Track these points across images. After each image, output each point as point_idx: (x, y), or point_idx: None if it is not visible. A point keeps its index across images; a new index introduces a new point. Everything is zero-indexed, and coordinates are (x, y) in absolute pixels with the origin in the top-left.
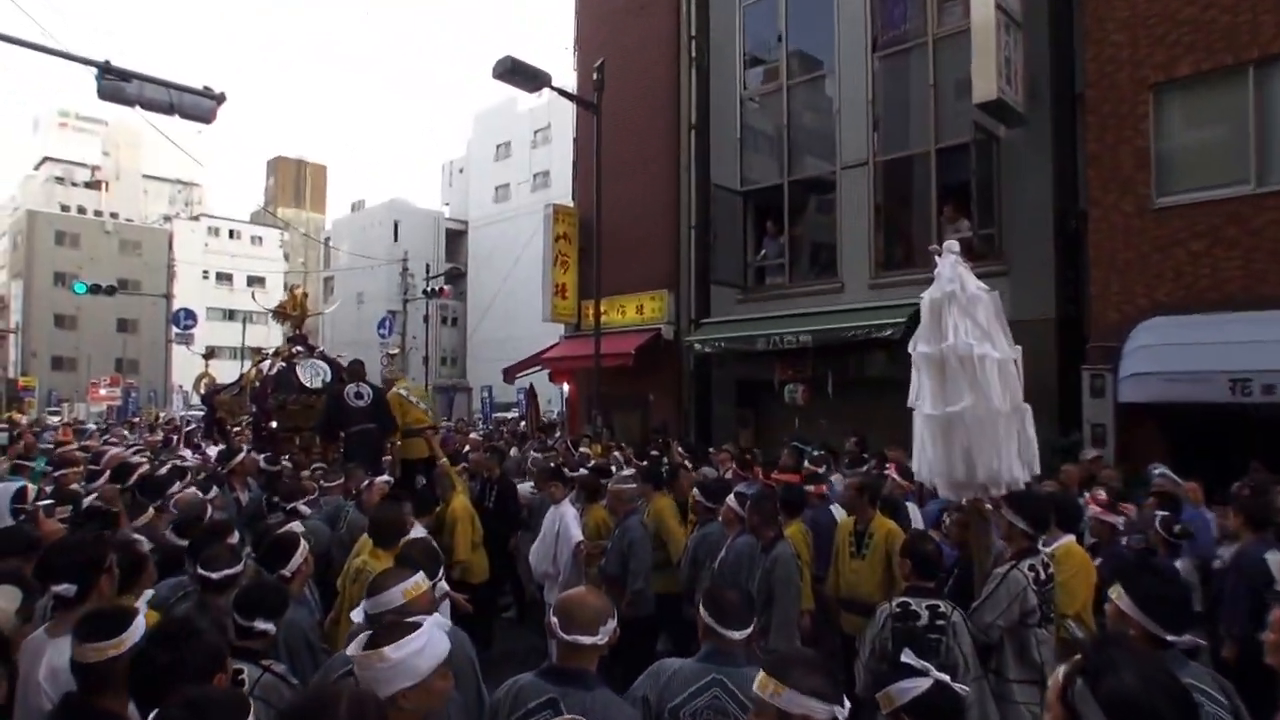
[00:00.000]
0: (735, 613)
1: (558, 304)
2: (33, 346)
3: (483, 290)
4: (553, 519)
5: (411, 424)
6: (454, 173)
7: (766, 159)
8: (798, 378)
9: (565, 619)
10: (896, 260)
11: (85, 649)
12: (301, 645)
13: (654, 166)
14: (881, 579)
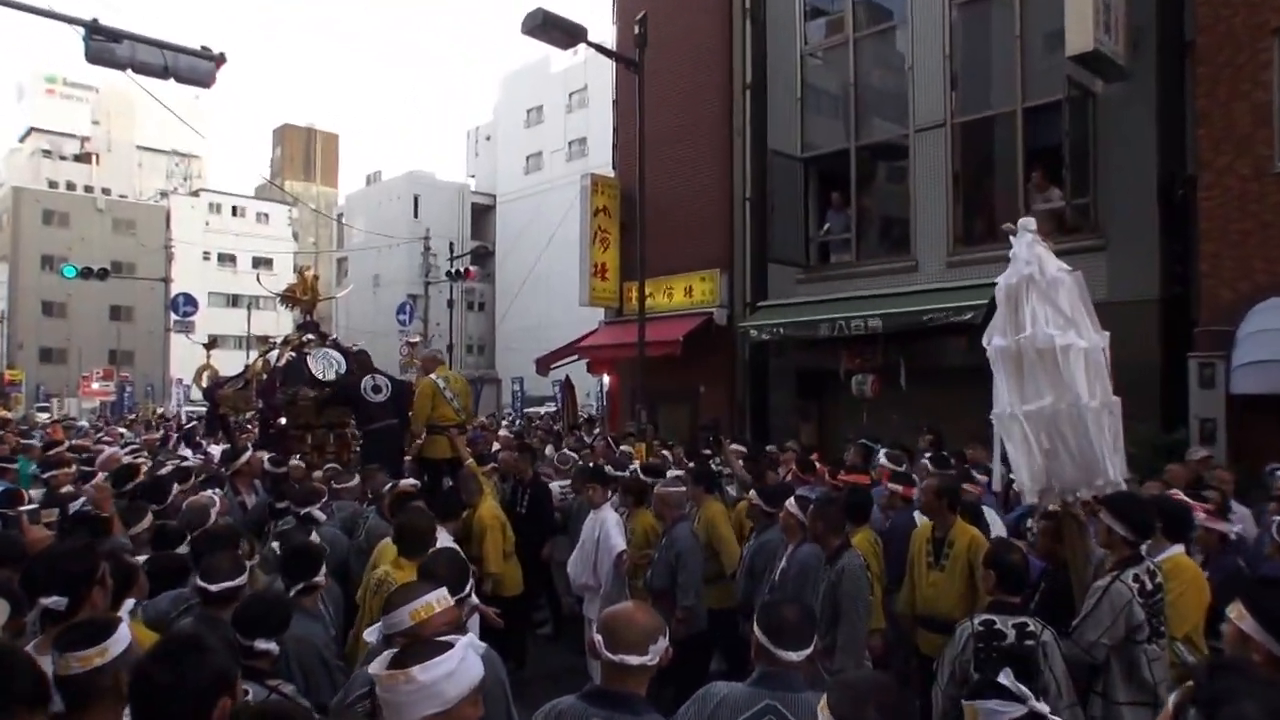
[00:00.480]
0: (792, 630)
1: (597, 286)
2: (19, 337)
3: (513, 271)
4: (592, 525)
5: (436, 419)
6: (480, 141)
7: (830, 122)
8: (866, 367)
9: (611, 637)
10: (977, 235)
11: (67, 659)
12: (316, 663)
13: (704, 131)
14: (962, 593)
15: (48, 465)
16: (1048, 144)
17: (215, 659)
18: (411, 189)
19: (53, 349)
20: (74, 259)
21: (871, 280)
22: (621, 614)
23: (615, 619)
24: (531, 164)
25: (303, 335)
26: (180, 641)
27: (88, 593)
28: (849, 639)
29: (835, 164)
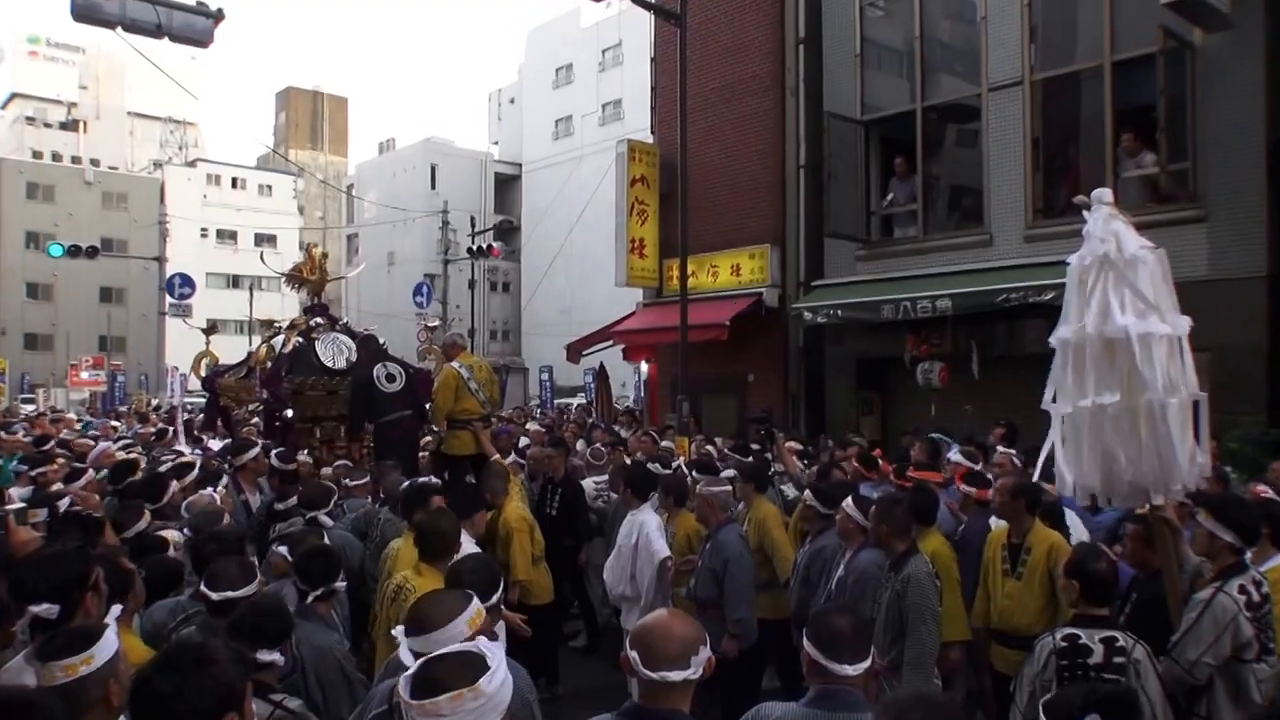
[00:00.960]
0: (847, 641)
1: (634, 264)
2: (2, 322)
3: (540, 248)
4: (630, 529)
5: (459, 413)
6: (503, 104)
7: (894, 80)
8: (934, 354)
9: (647, 652)
10: (1059, 206)
11: (51, 669)
12: (336, 676)
13: (752, 92)
14: (1041, 605)
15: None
16: (1140, 102)
17: (223, 671)
18: (428, 158)
19: (38, 335)
20: (61, 236)
21: (940, 257)
22: (657, 625)
23: (650, 631)
24: (561, 129)
25: (310, 319)
26: (185, 652)
27: (81, 599)
28: (917, 655)
29: (899, 127)
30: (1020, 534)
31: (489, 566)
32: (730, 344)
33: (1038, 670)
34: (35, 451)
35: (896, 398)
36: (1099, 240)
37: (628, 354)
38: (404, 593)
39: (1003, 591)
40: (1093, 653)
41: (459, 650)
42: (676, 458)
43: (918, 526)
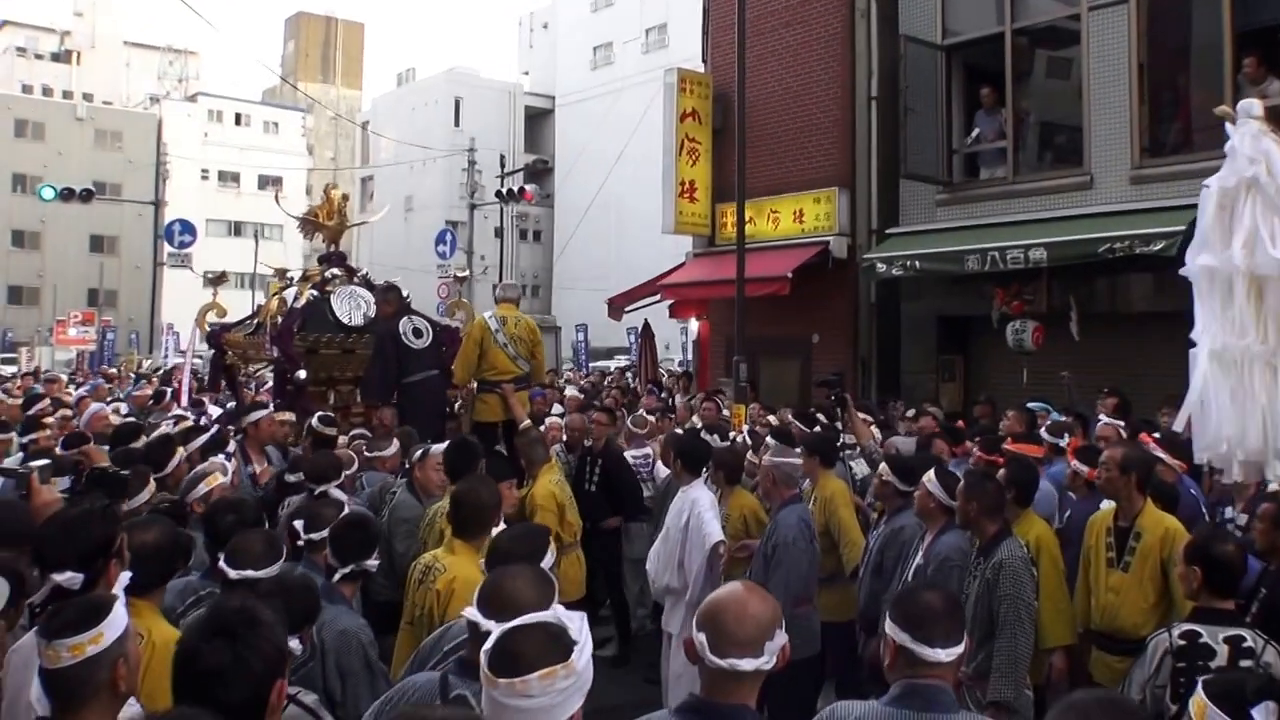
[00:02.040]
0: (937, 620)
1: (684, 209)
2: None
3: (576, 191)
4: (681, 508)
5: (487, 372)
6: (535, 29)
7: (979, 0)
8: (1026, 311)
9: (718, 635)
10: (1171, 143)
11: (56, 648)
12: (359, 666)
13: (818, 13)
14: (1153, 601)
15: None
16: (1264, 21)
17: (273, 632)
18: (452, 91)
19: (23, 288)
20: (49, 178)
21: (1033, 201)
22: (731, 602)
23: (723, 609)
24: (600, 57)
25: (326, 269)
26: (232, 616)
27: (105, 566)
28: (1008, 657)
29: (986, 53)
30: (1129, 517)
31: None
32: (792, 300)
33: (1150, 674)
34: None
35: (982, 362)
36: (1247, 160)
37: (675, 310)
38: (433, 573)
39: (1106, 585)
40: (1215, 654)
41: (540, 621)
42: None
43: (1013, 508)
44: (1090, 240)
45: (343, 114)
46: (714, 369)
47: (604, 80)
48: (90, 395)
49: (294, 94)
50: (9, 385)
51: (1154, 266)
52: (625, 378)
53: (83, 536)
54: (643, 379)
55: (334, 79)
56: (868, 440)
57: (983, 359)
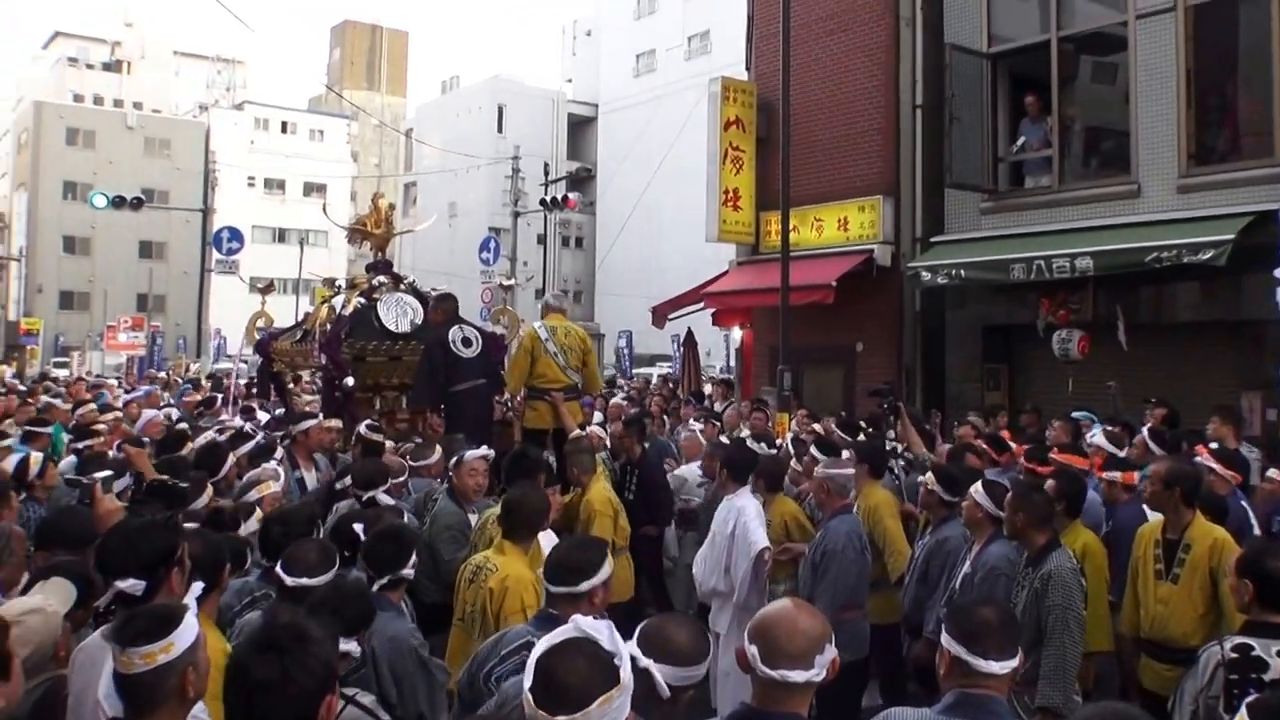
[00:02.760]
0: (993, 635)
1: (728, 217)
2: (38, 278)
3: (619, 198)
4: (727, 515)
5: (537, 380)
6: (578, 37)
7: (1025, 8)
8: (1072, 320)
9: (769, 646)
10: (1219, 151)
11: (130, 656)
12: (413, 666)
13: (863, 22)
14: (1202, 613)
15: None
16: None
17: (322, 649)
18: (495, 98)
19: (74, 293)
20: (99, 185)
21: (1079, 210)
22: (783, 617)
23: (775, 623)
24: (642, 64)
25: (373, 277)
26: (282, 631)
27: (167, 575)
28: (1057, 664)
29: (1031, 61)
30: (1177, 529)
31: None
32: (836, 308)
33: (1202, 685)
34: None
35: (1027, 371)
36: None
37: (718, 318)
38: (483, 573)
39: (1155, 596)
40: (1269, 666)
41: (574, 639)
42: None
43: (1062, 518)
44: (1137, 249)
45: (387, 121)
46: (757, 377)
47: (647, 87)
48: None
49: (339, 102)
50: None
51: (1202, 275)
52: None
53: (145, 546)
54: (685, 388)
55: (379, 87)
56: (921, 450)
57: (1028, 368)
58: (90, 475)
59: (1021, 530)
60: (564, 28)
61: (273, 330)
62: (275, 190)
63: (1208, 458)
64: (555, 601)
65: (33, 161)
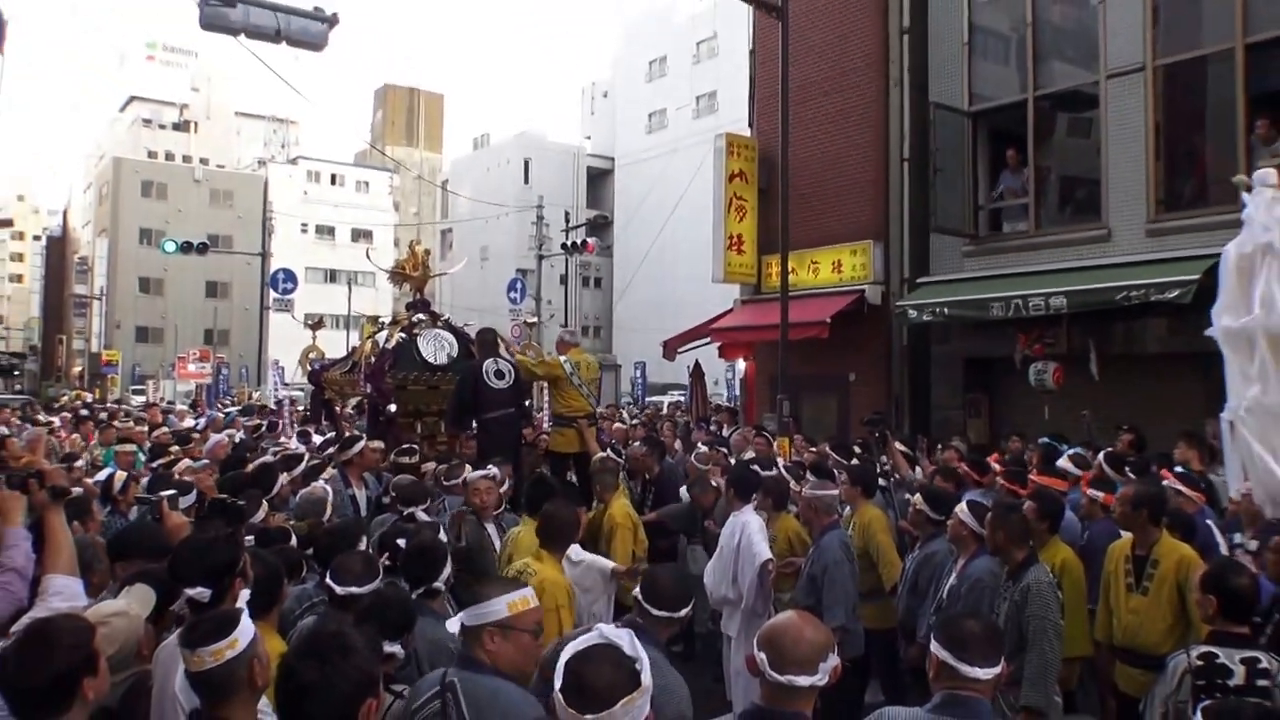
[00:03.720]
0: (979, 644)
1: (732, 260)
2: (117, 315)
3: (633, 243)
4: (733, 530)
5: (563, 410)
6: (596, 98)
7: (1003, 69)
8: (1047, 353)
9: (777, 654)
10: (1185, 198)
11: (200, 655)
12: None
13: (855, 83)
14: (1170, 623)
15: (156, 453)
16: (1275, 87)
17: (363, 659)
18: (522, 152)
19: (149, 328)
20: (171, 232)
21: (1054, 252)
22: (789, 628)
23: (782, 634)
24: (654, 122)
25: (413, 315)
26: (326, 640)
27: (231, 584)
28: (1039, 669)
29: (1009, 118)
30: (1145, 546)
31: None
32: (831, 343)
33: (1171, 690)
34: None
35: (1006, 400)
36: (1261, 227)
37: (724, 351)
38: (524, 578)
39: (1126, 607)
40: (1233, 674)
41: (599, 645)
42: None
43: (1043, 535)
44: (1108, 289)
45: (425, 174)
46: (759, 405)
47: (658, 143)
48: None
49: (382, 157)
50: (138, 413)
51: (1168, 311)
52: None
53: (212, 558)
54: (694, 415)
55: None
56: (907, 472)
57: (1007, 397)
58: (159, 493)
59: (1002, 547)
60: (583, 89)
61: (324, 362)
62: (326, 236)
63: (1172, 480)
64: None
65: (112, 211)
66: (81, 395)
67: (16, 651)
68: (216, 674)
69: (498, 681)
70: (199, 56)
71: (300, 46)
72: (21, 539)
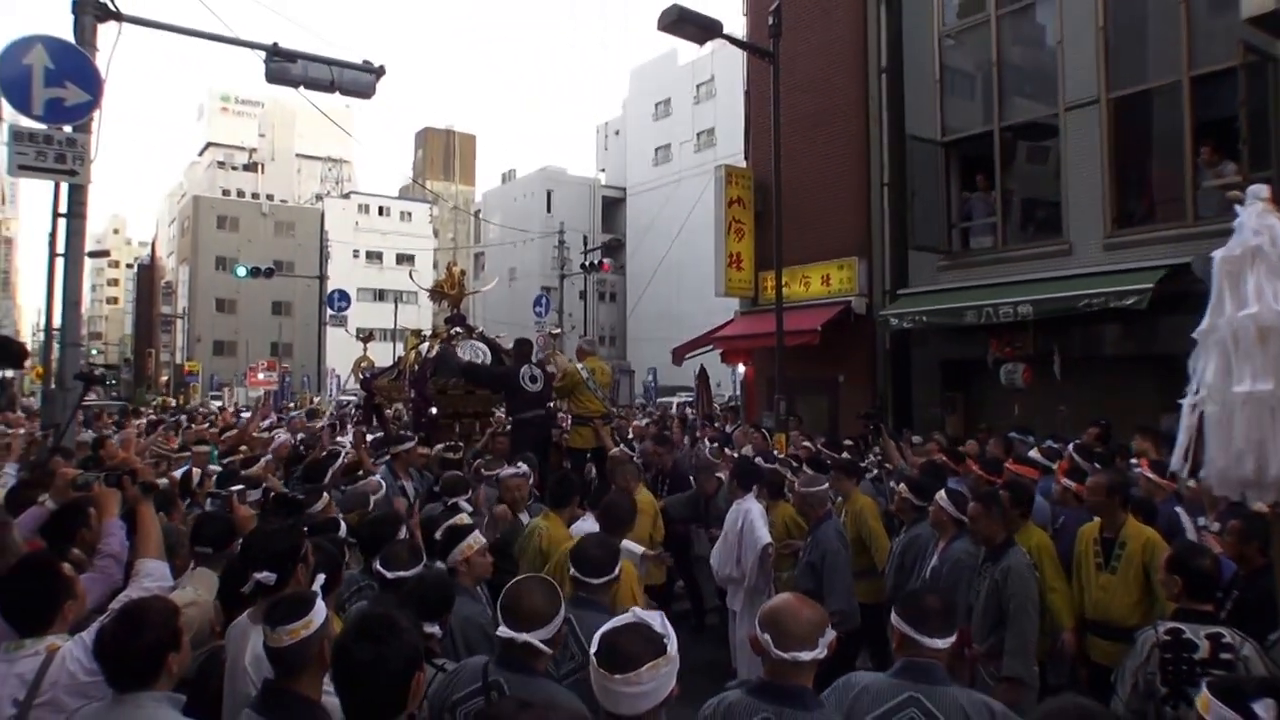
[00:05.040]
0: (936, 618)
1: (732, 276)
2: (197, 331)
3: (643, 262)
4: (736, 516)
5: (580, 411)
6: (609, 135)
7: (971, 103)
8: (1016, 355)
9: (780, 633)
10: (1138, 215)
11: (279, 633)
12: (480, 639)
13: (839, 118)
14: (1138, 598)
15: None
16: (1220, 115)
17: (410, 637)
18: (544, 185)
19: (224, 342)
20: (243, 259)
21: (1020, 265)
22: (787, 609)
23: (781, 614)
24: (660, 156)
25: (450, 329)
26: (376, 622)
27: (294, 569)
28: (1019, 642)
29: (977, 146)
30: (1113, 529)
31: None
32: (822, 348)
33: (1140, 662)
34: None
35: (980, 398)
36: (1252, 232)
37: (726, 357)
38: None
39: (1096, 584)
40: (1198, 647)
41: (630, 623)
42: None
43: (1017, 520)
44: (1070, 297)
45: (460, 205)
46: (759, 404)
47: (664, 174)
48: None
49: (423, 190)
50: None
51: (1123, 318)
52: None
53: (275, 545)
54: (700, 413)
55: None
56: (899, 460)
57: (980, 395)
58: (228, 488)
59: (985, 531)
60: (598, 128)
61: (374, 370)
62: (375, 260)
63: (1146, 469)
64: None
65: (192, 242)
66: (166, 402)
67: (112, 628)
68: (292, 651)
69: (553, 686)
70: (265, 106)
71: (351, 95)
72: (117, 529)
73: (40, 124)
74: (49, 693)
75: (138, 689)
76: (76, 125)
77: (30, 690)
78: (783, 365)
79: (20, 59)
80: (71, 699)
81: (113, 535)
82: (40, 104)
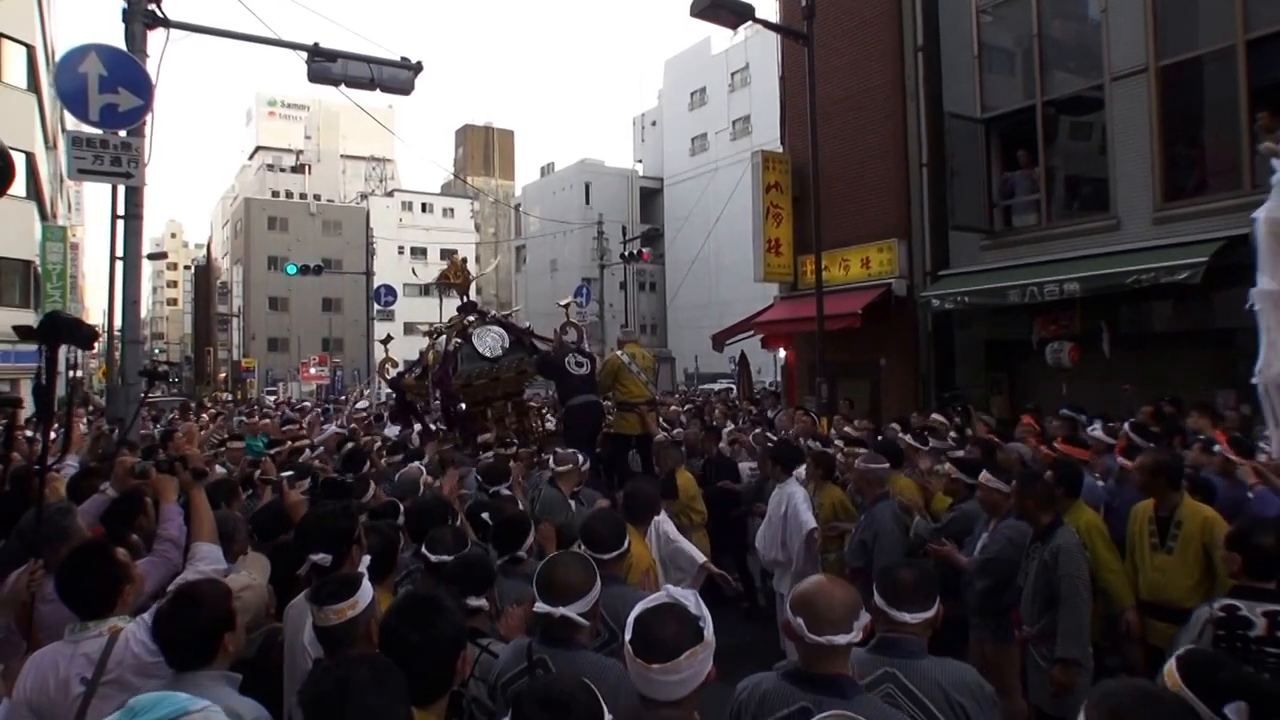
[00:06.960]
0: (909, 592)
1: (771, 261)
2: (252, 329)
3: (682, 251)
4: (779, 500)
5: (626, 396)
6: (646, 126)
7: (1011, 78)
8: (1062, 334)
9: (813, 617)
10: (1189, 187)
11: (326, 612)
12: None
13: (876, 98)
14: (1198, 578)
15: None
16: (1277, 80)
17: (455, 616)
18: (583, 177)
19: (277, 339)
20: (293, 258)
21: (1065, 242)
22: (820, 591)
23: (814, 597)
24: (697, 145)
25: (464, 317)
26: (422, 603)
27: (348, 550)
28: (1072, 623)
29: (1019, 123)
30: (1168, 508)
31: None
32: (863, 331)
33: (1194, 639)
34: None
35: (1025, 377)
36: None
37: (766, 342)
38: None
39: (1152, 564)
40: (1254, 625)
41: (666, 604)
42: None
43: (1065, 500)
44: (1118, 273)
45: (500, 199)
46: (800, 389)
47: (701, 163)
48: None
49: (464, 186)
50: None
51: (1174, 293)
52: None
53: (329, 528)
54: (741, 397)
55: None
56: (986, 435)
57: (1026, 375)
58: (280, 475)
59: (1029, 511)
60: (634, 120)
61: (401, 370)
62: (419, 256)
63: (1226, 447)
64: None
65: (245, 243)
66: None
67: (168, 610)
68: (340, 629)
69: (595, 657)
70: (310, 109)
71: (391, 91)
72: (175, 514)
73: (96, 129)
74: (115, 671)
75: (196, 668)
76: (130, 130)
77: (97, 669)
78: (823, 349)
79: (76, 67)
80: (137, 678)
81: (171, 520)
82: (96, 110)
